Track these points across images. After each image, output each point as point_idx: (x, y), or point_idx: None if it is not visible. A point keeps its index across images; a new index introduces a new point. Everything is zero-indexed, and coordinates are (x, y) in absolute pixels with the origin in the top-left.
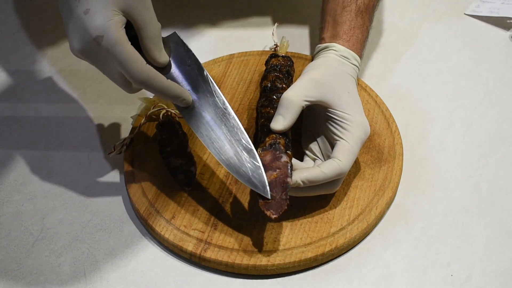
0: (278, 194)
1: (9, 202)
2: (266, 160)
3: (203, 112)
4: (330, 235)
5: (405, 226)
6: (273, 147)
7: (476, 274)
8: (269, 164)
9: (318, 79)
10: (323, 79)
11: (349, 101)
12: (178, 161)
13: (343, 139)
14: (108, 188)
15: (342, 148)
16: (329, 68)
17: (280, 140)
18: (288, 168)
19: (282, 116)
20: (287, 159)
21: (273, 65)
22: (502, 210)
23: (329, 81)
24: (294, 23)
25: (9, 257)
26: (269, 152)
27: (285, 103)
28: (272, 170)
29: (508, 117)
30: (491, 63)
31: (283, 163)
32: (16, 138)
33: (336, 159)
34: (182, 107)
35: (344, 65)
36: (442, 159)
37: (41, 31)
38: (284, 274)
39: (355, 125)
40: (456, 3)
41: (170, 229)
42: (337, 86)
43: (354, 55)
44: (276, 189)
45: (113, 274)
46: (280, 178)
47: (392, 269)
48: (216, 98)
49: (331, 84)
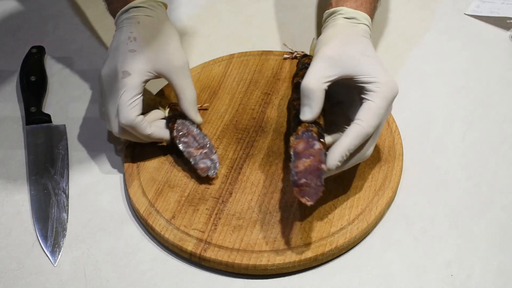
0: (313, 181)
1: (9, 202)
2: (299, 148)
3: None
4: (330, 235)
5: (405, 226)
6: (306, 135)
7: (476, 274)
8: (303, 152)
9: (332, 55)
10: (337, 53)
11: (369, 64)
12: (198, 150)
13: (367, 99)
14: (108, 188)
15: (364, 108)
16: (340, 38)
17: (312, 129)
18: (322, 155)
19: (308, 106)
20: (320, 146)
21: (304, 63)
22: (502, 210)
23: (343, 52)
24: (294, 23)
25: (9, 257)
26: (301, 140)
27: (306, 92)
28: (305, 157)
29: (508, 117)
30: (491, 63)
31: (317, 150)
32: (16, 138)
33: (357, 120)
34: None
35: (355, 28)
36: (442, 159)
37: (42, 31)
38: (284, 274)
39: (380, 85)
40: (456, 3)
41: (170, 229)
42: (353, 54)
43: (364, 15)
44: (311, 175)
45: (113, 274)
46: (314, 165)
47: (392, 269)
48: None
49: (347, 55)
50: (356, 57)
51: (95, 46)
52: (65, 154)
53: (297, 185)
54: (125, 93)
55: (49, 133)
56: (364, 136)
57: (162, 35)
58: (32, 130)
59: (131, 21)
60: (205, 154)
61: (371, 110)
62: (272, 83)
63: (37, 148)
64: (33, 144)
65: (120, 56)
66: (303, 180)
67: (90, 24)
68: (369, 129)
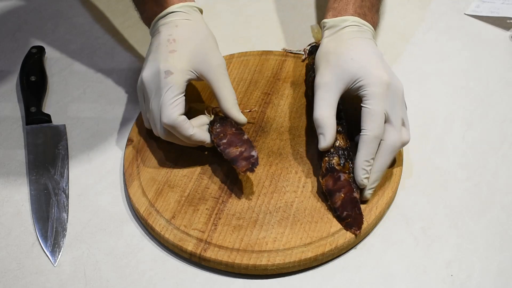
0: (353, 211)
1: (9, 202)
2: (329, 185)
3: None
4: (330, 235)
5: (405, 226)
6: (329, 170)
7: (476, 274)
8: (333, 188)
9: (326, 81)
10: (329, 77)
11: (359, 66)
12: (237, 150)
13: (364, 106)
14: (108, 188)
15: (363, 116)
16: (329, 57)
17: (333, 160)
18: (350, 184)
19: (323, 135)
20: (346, 176)
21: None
22: (502, 210)
23: (333, 72)
24: (294, 23)
25: (9, 257)
26: (328, 178)
27: (320, 123)
28: (338, 192)
29: (508, 117)
30: (491, 63)
31: (343, 182)
32: (16, 138)
33: (362, 130)
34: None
35: (340, 36)
36: (442, 159)
37: (41, 31)
38: (284, 274)
39: (372, 85)
40: (456, 3)
41: (170, 229)
42: (341, 65)
43: (349, 17)
44: (349, 207)
45: (113, 274)
46: (347, 196)
47: (392, 269)
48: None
49: (336, 73)
50: (344, 67)
51: (95, 46)
52: (65, 154)
53: (341, 219)
54: (168, 92)
55: (49, 133)
56: (374, 140)
57: (200, 37)
58: (32, 130)
59: (169, 25)
60: (244, 152)
61: (369, 115)
62: (272, 83)
63: (37, 148)
64: (33, 144)
65: (161, 57)
66: (344, 214)
67: (90, 24)
68: (375, 132)
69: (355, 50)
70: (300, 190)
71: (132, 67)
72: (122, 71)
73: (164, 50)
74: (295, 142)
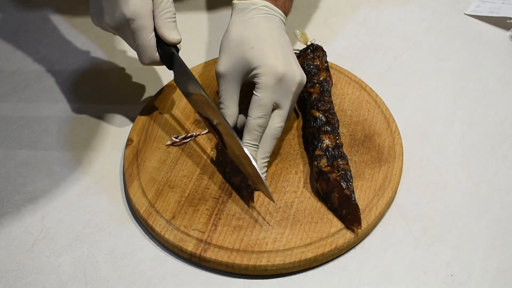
0: (349, 207)
1: (9, 202)
2: (324, 188)
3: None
4: (330, 235)
5: (405, 226)
6: (319, 174)
7: (476, 274)
8: (327, 190)
9: (228, 70)
10: (232, 63)
11: (257, 55)
12: (237, 179)
13: (254, 93)
14: (108, 188)
15: (252, 103)
16: (230, 45)
17: (320, 163)
18: (340, 182)
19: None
20: (334, 175)
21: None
22: (502, 210)
23: (237, 57)
24: (294, 23)
25: (9, 257)
26: (321, 181)
27: (224, 114)
28: (332, 192)
29: (508, 117)
30: (491, 63)
31: (334, 182)
32: (16, 138)
33: (248, 117)
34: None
35: (245, 22)
36: (442, 159)
37: (41, 31)
38: (284, 274)
39: (264, 74)
40: (456, 3)
41: (170, 229)
42: (244, 53)
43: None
44: (345, 204)
45: (113, 274)
46: (341, 194)
47: (392, 269)
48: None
49: (239, 57)
50: (243, 56)
51: (95, 46)
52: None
53: (343, 218)
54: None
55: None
56: (257, 128)
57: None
58: None
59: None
60: (242, 182)
61: (256, 104)
62: None
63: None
64: None
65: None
66: (344, 212)
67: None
68: (258, 122)
69: (257, 38)
70: (300, 191)
71: (132, 67)
72: (122, 71)
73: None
74: (295, 142)
